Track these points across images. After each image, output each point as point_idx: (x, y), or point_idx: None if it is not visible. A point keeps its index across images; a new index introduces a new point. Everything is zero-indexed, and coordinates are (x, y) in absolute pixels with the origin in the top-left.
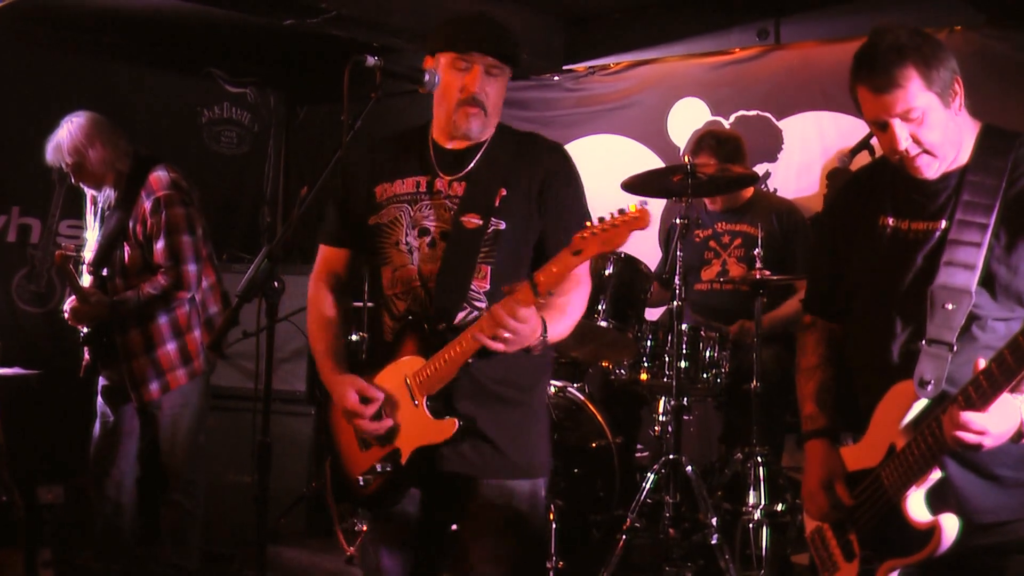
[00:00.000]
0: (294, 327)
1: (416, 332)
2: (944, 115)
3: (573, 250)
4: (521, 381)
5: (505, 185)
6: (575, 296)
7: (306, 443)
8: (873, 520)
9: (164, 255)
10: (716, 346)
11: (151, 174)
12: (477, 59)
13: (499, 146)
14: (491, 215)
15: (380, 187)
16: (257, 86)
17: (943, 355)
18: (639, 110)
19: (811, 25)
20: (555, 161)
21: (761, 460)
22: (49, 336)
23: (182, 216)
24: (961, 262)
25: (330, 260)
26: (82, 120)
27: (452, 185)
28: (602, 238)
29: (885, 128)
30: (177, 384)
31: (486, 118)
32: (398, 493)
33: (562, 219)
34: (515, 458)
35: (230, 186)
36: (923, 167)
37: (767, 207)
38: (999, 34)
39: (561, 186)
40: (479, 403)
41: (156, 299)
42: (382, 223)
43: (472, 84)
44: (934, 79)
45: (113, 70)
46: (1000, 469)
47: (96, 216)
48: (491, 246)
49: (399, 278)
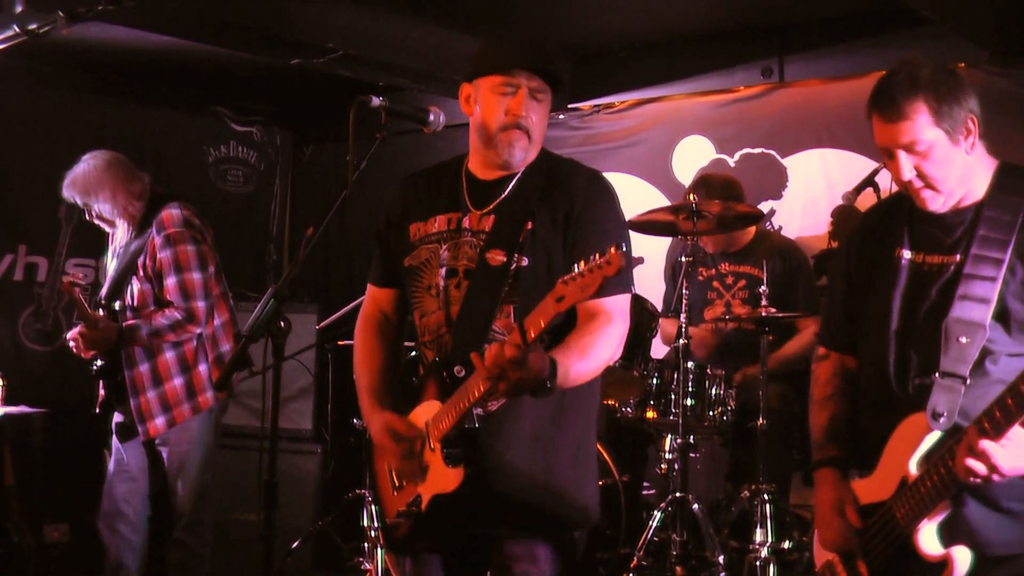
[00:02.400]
0: (300, 366)
1: (436, 376)
2: (951, 152)
3: (556, 296)
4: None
5: (532, 218)
6: (601, 336)
7: (312, 481)
8: (885, 553)
9: (174, 292)
10: (722, 384)
11: (163, 211)
12: (523, 81)
13: (532, 175)
14: (515, 250)
15: (414, 226)
16: (263, 125)
17: (956, 388)
18: (644, 148)
19: (815, 63)
20: (586, 190)
21: (768, 498)
22: (55, 374)
23: (192, 253)
24: (976, 296)
25: (377, 299)
26: (99, 162)
27: (481, 220)
28: (580, 283)
29: (892, 157)
30: (183, 418)
31: (530, 145)
32: (424, 539)
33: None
34: (536, 511)
35: (236, 224)
36: (927, 200)
37: (770, 247)
38: (1001, 71)
39: (592, 217)
40: (500, 451)
41: (166, 328)
42: (414, 265)
43: (518, 108)
44: (944, 115)
45: (120, 108)
46: (1012, 503)
47: (113, 252)
48: (515, 284)
49: (427, 325)
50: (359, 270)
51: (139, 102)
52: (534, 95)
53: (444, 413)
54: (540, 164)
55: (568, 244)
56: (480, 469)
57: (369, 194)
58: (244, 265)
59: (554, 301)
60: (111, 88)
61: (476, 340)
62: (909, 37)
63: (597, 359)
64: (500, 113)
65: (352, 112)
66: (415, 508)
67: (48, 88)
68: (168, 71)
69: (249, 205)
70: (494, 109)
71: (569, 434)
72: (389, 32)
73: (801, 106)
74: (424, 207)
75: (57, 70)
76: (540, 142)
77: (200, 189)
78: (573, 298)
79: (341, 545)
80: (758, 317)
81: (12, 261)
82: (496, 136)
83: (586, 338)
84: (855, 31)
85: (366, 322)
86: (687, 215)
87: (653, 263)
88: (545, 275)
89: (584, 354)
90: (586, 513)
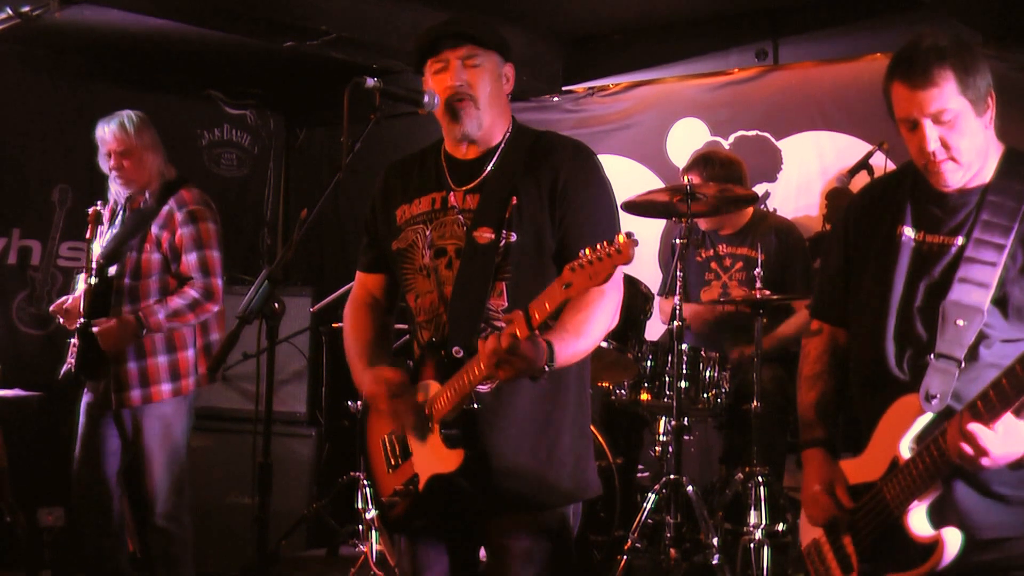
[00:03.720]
0: (295, 349)
1: (434, 357)
2: (976, 124)
3: (563, 283)
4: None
5: (516, 193)
6: (594, 313)
7: (307, 465)
8: (873, 534)
9: (196, 267)
10: (716, 366)
11: (183, 189)
12: (449, 55)
13: (513, 150)
14: (502, 227)
15: (400, 209)
16: (257, 108)
17: (951, 370)
18: (638, 131)
19: (809, 46)
20: (571, 162)
21: (762, 480)
22: (50, 358)
23: (214, 232)
24: (975, 280)
25: (366, 284)
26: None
27: (466, 198)
28: (589, 271)
29: (915, 128)
30: (159, 398)
31: (478, 110)
32: (421, 518)
33: (581, 228)
34: (537, 488)
35: (230, 208)
36: (946, 173)
37: (766, 227)
38: (996, 54)
39: (579, 190)
40: (500, 431)
41: (184, 308)
42: (402, 248)
43: (450, 79)
44: (970, 85)
45: (113, 92)
46: (1001, 488)
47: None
48: (505, 261)
49: (422, 306)
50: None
51: (132, 86)
52: (466, 63)
53: (442, 394)
54: (520, 139)
55: (556, 218)
56: (479, 451)
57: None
58: (238, 249)
59: (561, 287)
60: (104, 72)
61: (472, 319)
62: (903, 20)
63: (593, 336)
64: (441, 91)
65: (346, 94)
66: (412, 487)
67: (41, 72)
68: (161, 54)
69: (243, 189)
70: (437, 89)
71: (566, 411)
72: (383, 14)
73: (795, 88)
74: (408, 190)
75: (50, 54)
76: (496, 106)
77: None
78: (582, 285)
79: (336, 528)
80: (752, 300)
81: (6, 245)
82: (446, 113)
83: (580, 314)
84: (849, 13)
85: (355, 303)
86: (682, 197)
87: (646, 244)
88: (535, 250)
89: (579, 332)
90: (584, 486)
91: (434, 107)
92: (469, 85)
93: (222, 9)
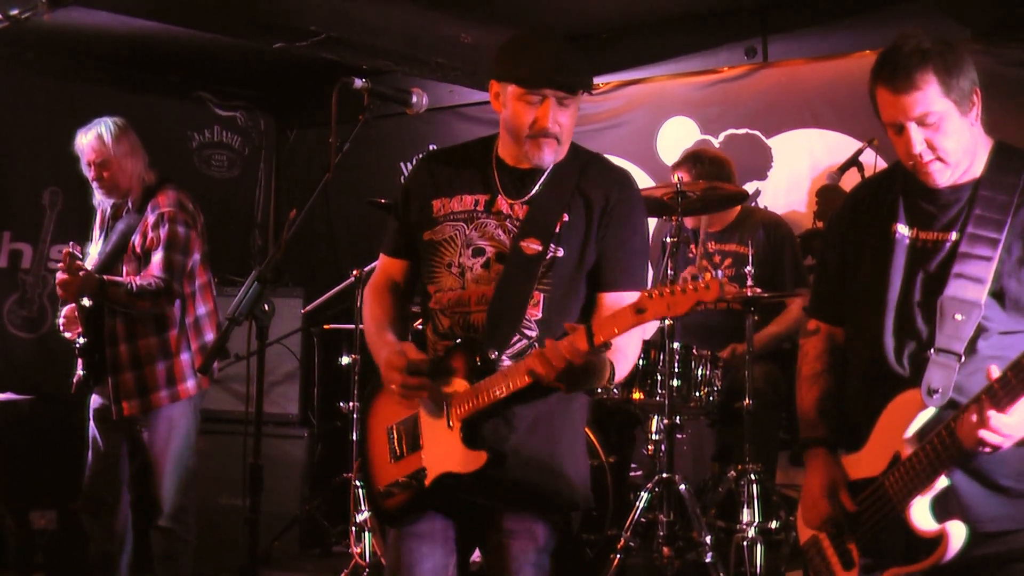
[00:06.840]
0: (286, 350)
1: (466, 355)
2: (960, 124)
3: (636, 308)
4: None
5: (567, 210)
6: (639, 340)
7: (298, 466)
8: (875, 528)
9: (160, 267)
10: (708, 364)
11: (160, 192)
12: (548, 92)
13: (565, 168)
14: (551, 241)
15: (438, 201)
16: (247, 109)
17: (951, 364)
18: (628, 129)
19: (798, 43)
20: (620, 189)
21: (754, 478)
22: (41, 361)
23: (182, 235)
24: (971, 275)
25: (388, 269)
26: (120, 121)
27: (514, 207)
28: (668, 301)
29: (901, 131)
30: (159, 404)
31: (560, 146)
32: (418, 512)
33: (618, 252)
34: (553, 494)
35: (221, 209)
36: (935, 173)
37: (754, 223)
38: (984, 49)
39: (622, 216)
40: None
41: (147, 293)
42: (436, 240)
43: (544, 119)
44: (953, 87)
45: (103, 94)
46: (1004, 480)
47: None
48: (548, 273)
49: (446, 299)
50: (344, 254)
51: (122, 88)
52: (561, 101)
53: (471, 394)
54: (572, 159)
55: (598, 237)
56: (500, 454)
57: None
58: (229, 250)
59: (634, 312)
60: (94, 74)
61: (511, 325)
62: (892, 16)
63: (634, 358)
64: (527, 121)
65: (335, 94)
66: (415, 481)
67: (30, 74)
68: (151, 56)
69: (233, 190)
70: (521, 117)
71: (569, 417)
72: (372, 14)
73: (785, 86)
74: (450, 184)
75: (39, 56)
76: (570, 138)
77: (184, 174)
78: (657, 314)
79: (328, 529)
80: (743, 297)
81: None
82: (525, 142)
83: (634, 340)
84: (838, 10)
85: (375, 286)
86: (671, 195)
87: None
88: (575, 266)
89: (630, 358)
90: (585, 495)
91: (422, 108)
92: (560, 126)
93: (211, 10)
